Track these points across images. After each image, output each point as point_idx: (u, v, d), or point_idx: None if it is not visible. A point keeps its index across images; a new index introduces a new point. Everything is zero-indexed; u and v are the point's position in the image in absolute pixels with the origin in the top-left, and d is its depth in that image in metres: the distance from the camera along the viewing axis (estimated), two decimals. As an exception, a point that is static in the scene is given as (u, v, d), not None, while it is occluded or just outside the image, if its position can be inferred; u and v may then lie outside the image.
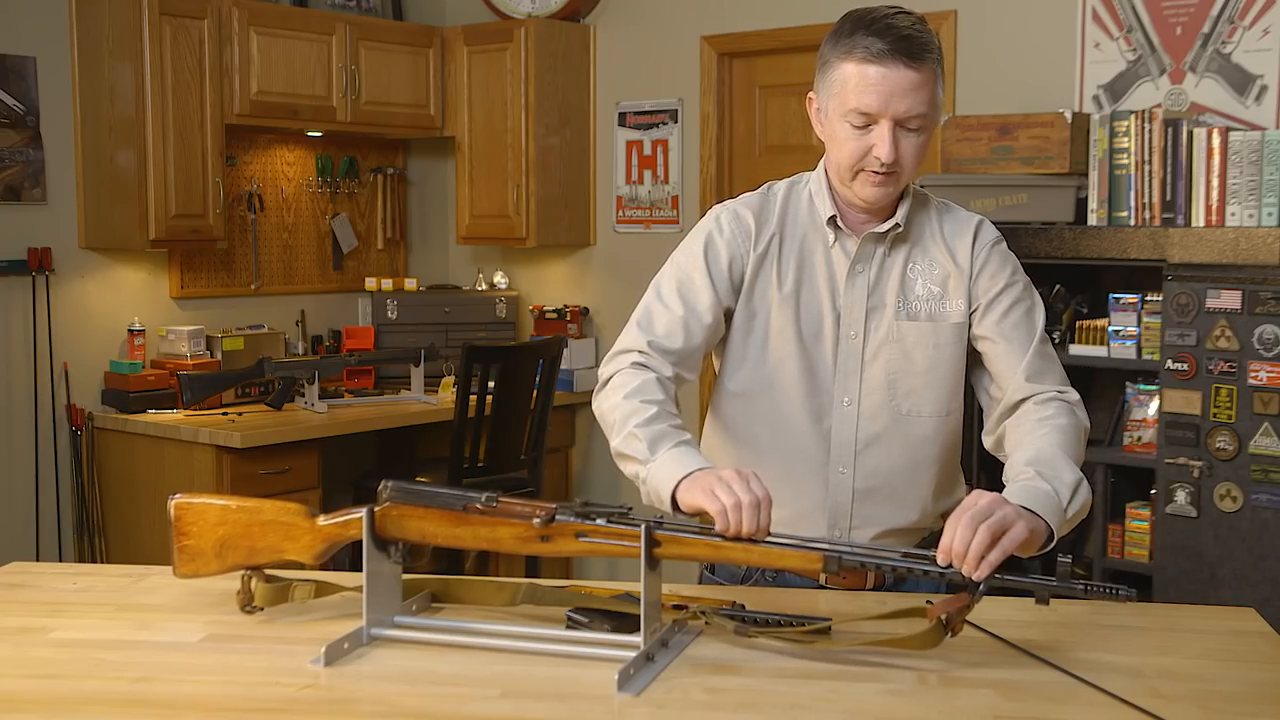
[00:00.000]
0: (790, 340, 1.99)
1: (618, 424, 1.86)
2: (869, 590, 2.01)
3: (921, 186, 4.12)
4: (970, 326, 2.01)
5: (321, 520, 1.81)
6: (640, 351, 1.95)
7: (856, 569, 1.65)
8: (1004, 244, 2.05)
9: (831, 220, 1.98)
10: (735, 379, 2.04)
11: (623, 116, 5.21)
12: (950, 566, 1.61)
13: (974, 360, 2.05)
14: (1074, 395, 1.97)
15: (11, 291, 4.40)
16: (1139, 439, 3.59)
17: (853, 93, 1.86)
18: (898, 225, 1.97)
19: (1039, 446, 1.85)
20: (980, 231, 2.03)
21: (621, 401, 1.87)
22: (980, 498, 1.65)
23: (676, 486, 1.75)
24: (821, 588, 2.00)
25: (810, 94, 1.98)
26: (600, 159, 5.31)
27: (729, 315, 2.02)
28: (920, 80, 1.85)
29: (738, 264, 2.00)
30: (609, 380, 1.95)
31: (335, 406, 4.67)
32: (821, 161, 2.02)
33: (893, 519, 2.02)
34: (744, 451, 2.04)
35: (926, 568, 1.62)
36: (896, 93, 1.84)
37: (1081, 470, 1.85)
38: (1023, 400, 1.96)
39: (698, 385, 4.09)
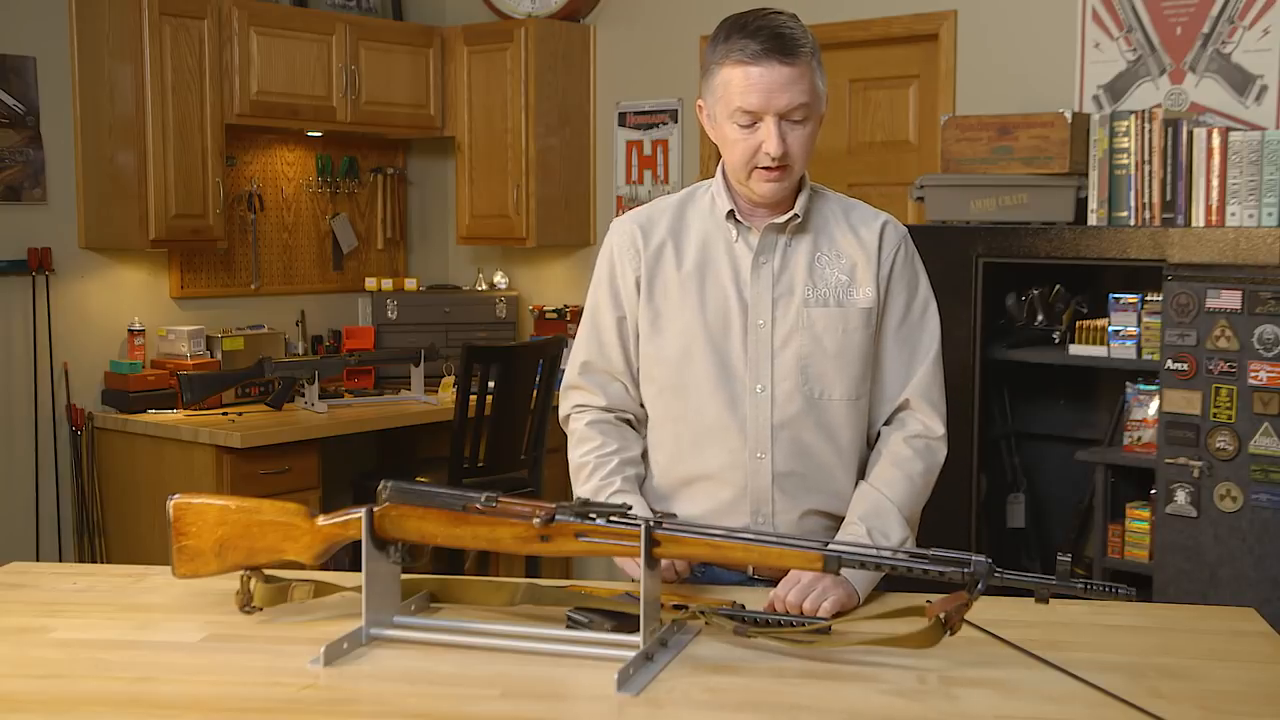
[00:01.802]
0: (698, 334, 2.05)
1: (574, 480, 2.13)
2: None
3: (922, 186, 4.13)
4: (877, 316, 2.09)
5: (321, 520, 1.81)
6: (579, 389, 2.17)
7: (855, 568, 1.66)
8: (911, 243, 2.14)
9: (730, 215, 2.06)
10: (650, 377, 2.12)
11: (623, 116, 5.21)
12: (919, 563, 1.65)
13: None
14: (940, 429, 2.10)
15: (11, 291, 4.40)
16: (1139, 439, 3.59)
17: (736, 94, 1.96)
18: (796, 216, 2.05)
19: (879, 502, 2.02)
20: (888, 228, 2.11)
21: (575, 459, 2.13)
22: (803, 575, 1.85)
23: None
24: (752, 580, 2.05)
25: (699, 101, 2.07)
26: (600, 159, 5.31)
27: (640, 316, 2.11)
28: (796, 74, 1.94)
29: (629, 274, 2.11)
30: (569, 429, 2.18)
31: (335, 406, 4.67)
32: (720, 163, 2.10)
33: (813, 502, 2.06)
34: (668, 446, 2.11)
35: (927, 567, 1.63)
36: (775, 89, 1.93)
37: (921, 518, 2.07)
38: (896, 413, 2.10)
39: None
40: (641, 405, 2.15)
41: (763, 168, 1.97)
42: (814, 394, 2.04)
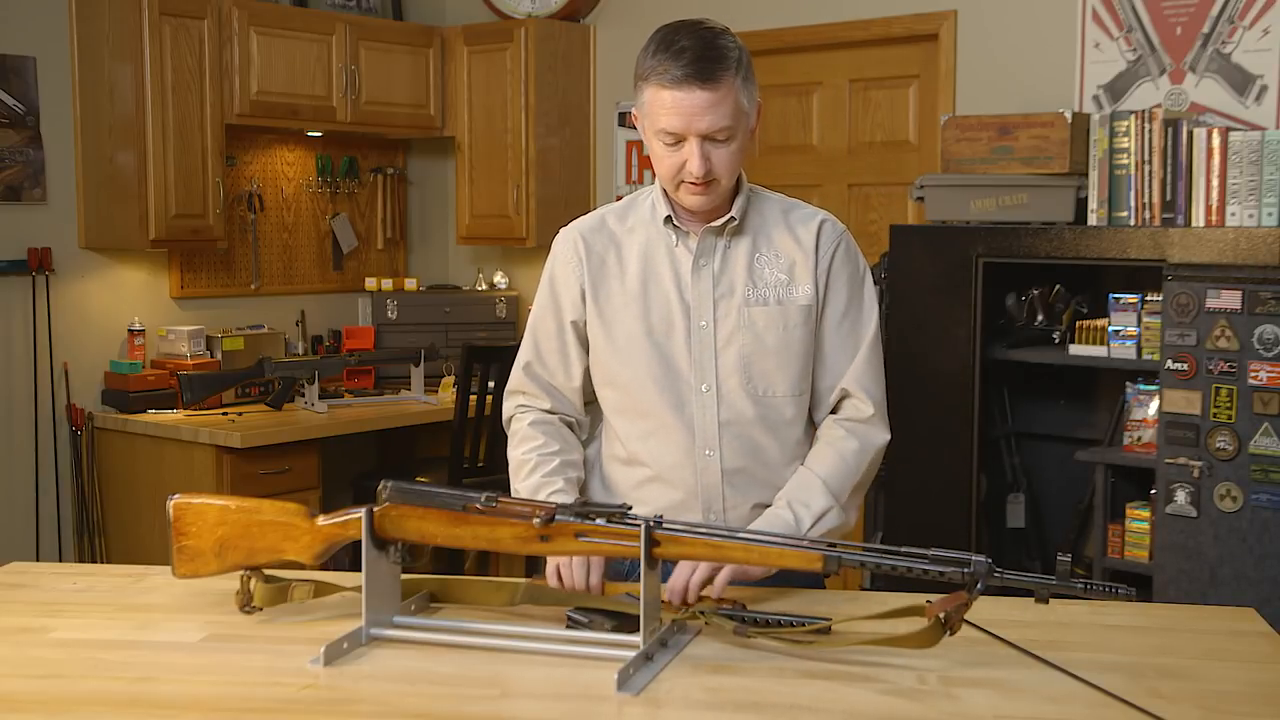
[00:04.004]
0: (640, 337, 2.09)
1: (513, 477, 2.14)
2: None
3: (922, 186, 4.12)
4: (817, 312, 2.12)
5: (321, 520, 1.81)
6: (522, 392, 2.20)
7: (855, 569, 1.66)
8: (851, 239, 2.16)
9: (668, 220, 2.09)
10: (600, 382, 2.15)
11: (623, 116, 5.21)
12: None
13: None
14: (869, 410, 2.11)
15: (11, 291, 4.40)
16: (1139, 439, 3.59)
17: (659, 115, 1.99)
18: (733, 218, 2.08)
19: (804, 476, 2.06)
20: (825, 226, 2.14)
21: (517, 456, 2.14)
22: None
23: None
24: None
25: (634, 109, 2.09)
26: (600, 159, 5.30)
27: (589, 324, 2.14)
28: (717, 98, 1.95)
29: (574, 282, 2.13)
30: (511, 430, 2.19)
31: (335, 406, 4.67)
32: None
33: (762, 495, 2.09)
34: (619, 449, 2.14)
35: (927, 566, 1.63)
36: (696, 113, 1.95)
37: (863, 497, 2.12)
38: (838, 403, 2.13)
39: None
40: (585, 411, 2.20)
41: (689, 182, 2.00)
42: (758, 391, 2.08)
